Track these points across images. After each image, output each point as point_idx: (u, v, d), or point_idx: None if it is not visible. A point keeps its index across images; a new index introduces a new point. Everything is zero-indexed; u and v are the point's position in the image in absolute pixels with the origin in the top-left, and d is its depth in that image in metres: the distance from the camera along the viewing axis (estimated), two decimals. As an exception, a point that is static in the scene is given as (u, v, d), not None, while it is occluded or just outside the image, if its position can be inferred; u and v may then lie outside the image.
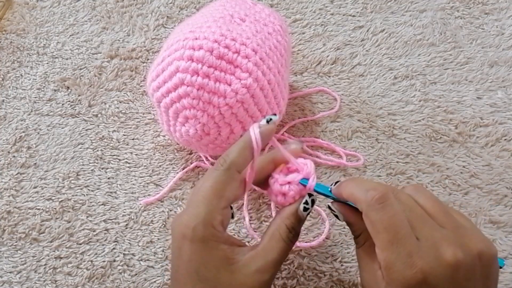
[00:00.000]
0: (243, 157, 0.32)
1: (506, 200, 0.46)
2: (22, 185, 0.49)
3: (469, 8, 0.59)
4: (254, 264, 0.31)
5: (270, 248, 0.32)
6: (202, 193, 0.31)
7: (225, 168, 0.32)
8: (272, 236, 0.32)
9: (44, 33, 0.59)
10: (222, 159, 0.32)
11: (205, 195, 0.31)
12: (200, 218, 0.30)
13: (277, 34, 0.44)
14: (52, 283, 0.44)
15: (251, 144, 0.32)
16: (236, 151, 0.32)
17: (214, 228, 0.30)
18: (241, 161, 0.32)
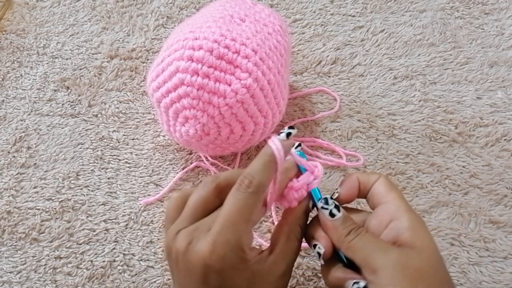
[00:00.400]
0: (268, 176, 0.30)
1: (506, 200, 0.46)
2: (22, 185, 0.49)
3: (469, 8, 0.59)
4: (277, 270, 0.31)
5: (288, 250, 0.32)
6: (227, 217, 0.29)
7: (252, 191, 0.30)
8: (289, 238, 0.32)
9: (44, 33, 0.59)
10: (247, 180, 0.30)
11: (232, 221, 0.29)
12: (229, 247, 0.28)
13: (277, 34, 0.44)
14: (52, 283, 0.44)
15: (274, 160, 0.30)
16: (260, 170, 0.30)
17: (244, 253, 0.29)
18: (267, 182, 0.31)
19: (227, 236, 0.29)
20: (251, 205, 0.30)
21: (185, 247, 0.29)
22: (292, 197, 0.32)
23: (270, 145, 0.30)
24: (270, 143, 0.30)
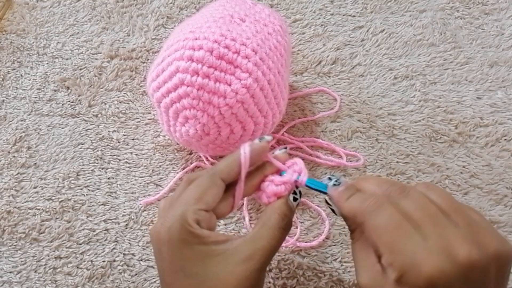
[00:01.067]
0: (229, 168, 0.33)
1: (506, 200, 0.46)
2: (22, 185, 0.49)
3: (469, 8, 0.59)
4: (242, 252, 0.30)
5: (259, 235, 0.31)
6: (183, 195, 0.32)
7: (210, 174, 0.33)
8: (263, 225, 0.32)
9: (44, 33, 0.59)
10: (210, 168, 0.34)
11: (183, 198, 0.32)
12: (174, 218, 0.30)
13: (277, 34, 0.44)
14: (52, 283, 0.44)
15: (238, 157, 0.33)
16: (223, 162, 0.34)
17: (190, 226, 0.30)
18: (226, 170, 0.33)
19: (175, 210, 0.31)
20: (204, 184, 0.32)
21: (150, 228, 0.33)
22: (271, 191, 0.33)
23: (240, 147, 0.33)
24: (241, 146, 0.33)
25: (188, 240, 0.30)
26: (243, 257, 0.30)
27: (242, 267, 0.30)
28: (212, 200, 0.32)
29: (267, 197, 0.34)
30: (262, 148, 0.34)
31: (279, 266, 0.44)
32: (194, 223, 0.30)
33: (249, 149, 0.33)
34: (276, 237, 0.32)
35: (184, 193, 0.32)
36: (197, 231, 0.30)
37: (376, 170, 0.48)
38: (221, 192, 0.33)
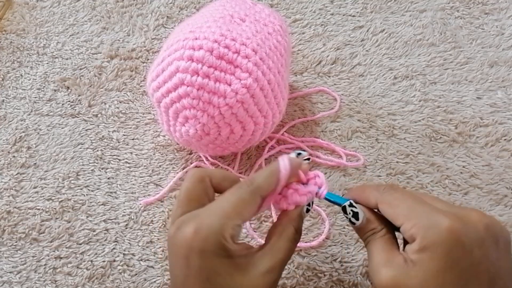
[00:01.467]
0: (269, 184, 0.33)
1: (506, 200, 0.46)
2: (22, 185, 0.49)
3: (469, 8, 0.59)
4: (263, 265, 0.31)
5: (278, 248, 0.32)
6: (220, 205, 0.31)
7: (251, 189, 0.32)
8: (280, 237, 0.33)
9: (44, 33, 0.59)
10: (249, 181, 0.32)
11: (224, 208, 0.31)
12: (212, 230, 0.30)
13: (277, 34, 0.44)
14: (52, 283, 0.44)
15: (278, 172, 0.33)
16: (264, 176, 0.33)
17: (226, 241, 0.30)
18: (266, 187, 0.33)
19: (212, 220, 0.30)
20: (245, 200, 0.31)
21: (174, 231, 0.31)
22: (294, 199, 0.34)
23: (279, 160, 0.33)
24: (280, 158, 0.33)
25: (220, 254, 0.30)
26: (264, 270, 0.31)
27: (264, 279, 0.31)
28: (248, 216, 0.32)
29: (288, 204, 0.34)
30: (298, 165, 0.34)
31: (279, 266, 0.44)
32: (230, 239, 0.30)
33: (289, 165, 0.33)
34: (291, 249, 0.33)
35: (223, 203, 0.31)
36: (230, 246, 0.30)
37: (376, 170, 0.48)
38: (257, 208, 0.33)
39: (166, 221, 0.46)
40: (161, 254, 0.45)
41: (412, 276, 0.28)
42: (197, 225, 0.30)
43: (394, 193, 0.32)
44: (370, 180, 0.48)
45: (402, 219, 0.30)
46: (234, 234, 0.31)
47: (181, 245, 0.30)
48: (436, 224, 0.28)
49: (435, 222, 0.28)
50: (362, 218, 0.33)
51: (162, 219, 0.46)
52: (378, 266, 0.30)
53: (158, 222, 0.46)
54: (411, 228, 0.29)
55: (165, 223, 0.46)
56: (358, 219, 0.33)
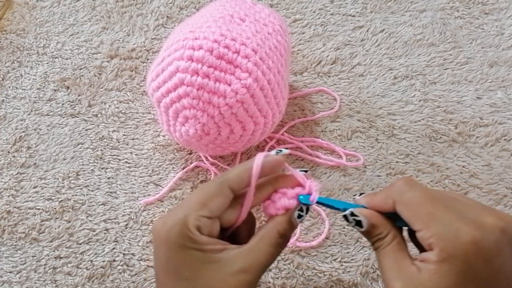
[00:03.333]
0: (239, 177, 0.32)
1: (506, 200, 0.46)
2: (22, 185, 0.49)
3: (469, 8, 0.59)
4: (238, 263, 0.30)
5: (257, 249, 0.31)
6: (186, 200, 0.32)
7: (219, 181, 0.32)
8: (261, 238, 0.32)
9: (44, 33, 0.59)
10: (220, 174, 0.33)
11: (188, 202, 0.32)
12: (176, 221, 0.30)
13: (277, 34, 0.44)
14: (52, 283, 0.44)
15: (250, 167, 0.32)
16: (234, 170, 0.33)
17: (190, 231, 0.30)
18: (235, 179, 0.32)
19: (178, 212, 0.31)
20: (211, 191, 0.31)
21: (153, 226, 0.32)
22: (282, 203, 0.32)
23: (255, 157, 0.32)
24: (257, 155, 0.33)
25: (185, 244, 0.30)
26: (237, 268, 0.30)
27: (235, 278, 0.30)
28: (216, 208, 0.31)
29: (276, 209, 0.33)
30: (277, 161, 0.33)
31: (279, 266, 0.44)
32: (194, 229, 0.30)
33: (262, 159, 0.32)
34: (272, 253, 0.31)
35: (189, 196, 0.32)
36: (196, 237, 0.30)
37: (376, 170, 0.48)
38: (227, 201, 0.32)
39: (166, 221, 0.46)
40: (161, 254, 0.45)
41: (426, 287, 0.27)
42: (165, 217, 0.31)
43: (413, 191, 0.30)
44: (370, 180, 0.48)
45: (420, 225, 0.28)
46: (200, 225, 0.30)
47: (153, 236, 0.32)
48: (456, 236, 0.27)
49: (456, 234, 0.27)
50: (366, 225, 0.31)
51: (162, 219, 0.46)
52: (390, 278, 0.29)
53: (158, 222, 0.46)
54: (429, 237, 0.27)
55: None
56: (362, 227, 0.32)
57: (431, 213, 0.28)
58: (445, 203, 0.29)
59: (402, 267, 0.29)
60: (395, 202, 0.30)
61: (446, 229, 0.27)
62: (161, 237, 0.31)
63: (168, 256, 0.30)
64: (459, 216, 0.28)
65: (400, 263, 0.29)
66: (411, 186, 0.30)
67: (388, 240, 0.30)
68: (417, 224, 0.28)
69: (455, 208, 0.29)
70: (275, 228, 0.32)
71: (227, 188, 0.32)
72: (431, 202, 0.29)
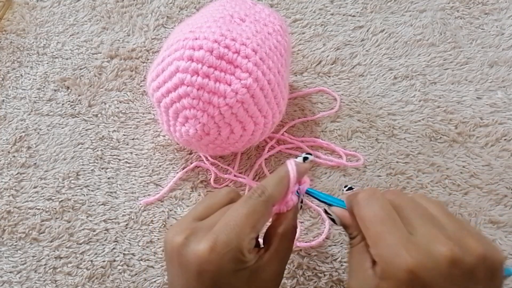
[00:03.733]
0: (280, 192, 0.32)
1: (506, 200, 0.46)
2: (22, 185, 0.49)
3: (469, 8, 0.59)
4: (272, 268, 0.31)
5: (282, 249, 0.32)
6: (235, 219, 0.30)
7: (264, 199, 0.31)
8: (283, 237, 0.33)
9: (44, 33, 0.59)
10: (260, 190, 0.31)
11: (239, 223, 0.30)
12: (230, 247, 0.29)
13: (277, 34, 0.44)
14: (52, 283, 0.44)
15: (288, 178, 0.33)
16: (274, 184, 0.32)
17: (244, 256, 0.29)
18: (277, 196, 0.32)
19: (230, 237, 0.29)
20: (259, 212, 0.31)
21: (181, 241, 0.30)
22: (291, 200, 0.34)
23: (287, 165, 0.33)
24: (288, 163, 0.33)
25: (237, 268, 0.29)
26: (273, 273, 0.31)
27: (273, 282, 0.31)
28: (262, 227, 0.32)
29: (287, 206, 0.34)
30: (305, 170, 0.35)
31: (279, 266, 0.44)
32: (247, 253, 0.30)
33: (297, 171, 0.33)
34: (292, 248, 0.33)
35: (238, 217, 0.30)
36: (247, 259, 0.30)
37: (376, 170, 0.48)
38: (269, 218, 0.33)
39: (166, 221, 0.46)
40: (161, 254, 0.45)
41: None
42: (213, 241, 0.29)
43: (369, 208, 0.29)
44: (370, 180, 0.48)
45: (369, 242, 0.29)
46: (250, 247, 0.30)
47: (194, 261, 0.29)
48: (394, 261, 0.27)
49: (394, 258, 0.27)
50: (338, 222, 0.34)
51: (162, 219, 0.46)
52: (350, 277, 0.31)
53: (158, 222, 0.46)
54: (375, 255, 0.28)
55: (165, 223, 0.46)
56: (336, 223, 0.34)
57: (379, 233, 0.28)
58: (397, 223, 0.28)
59: (361, 269, 0.29)
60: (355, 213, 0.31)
61: (388, 252, 0.27)
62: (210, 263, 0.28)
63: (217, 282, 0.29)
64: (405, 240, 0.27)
65: (361, 264, 0.29)
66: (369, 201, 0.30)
67: (356, 241, 0.31)
68: (368, 240, 0.29)
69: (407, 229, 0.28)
70: (291, 224, 0.33)
71: (271, 206, 0.32)
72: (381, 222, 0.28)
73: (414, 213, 0.29)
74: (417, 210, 0.29)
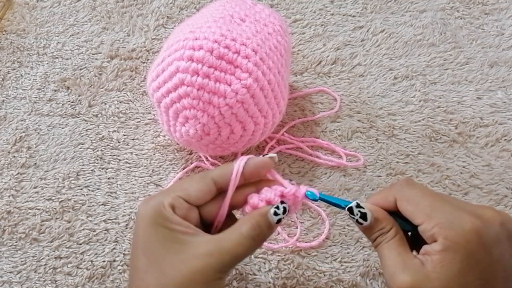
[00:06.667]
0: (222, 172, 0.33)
1: (506, 200, 0.46)
2: (22, 185, 0.49)
3: (469, 9, 0.59)
4: (203, 248, 0.30)
5: (226, 237, 0.31)
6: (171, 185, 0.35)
7: (201, 173, 0.34)
8: (233, 229, 0.31)
9: (44, 33, 0.59)
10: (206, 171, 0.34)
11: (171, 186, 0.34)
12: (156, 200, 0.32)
13: (277, 34, 0.44)
14: (52, 283, 0.44)
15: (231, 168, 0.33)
16: (219, 167, 0.34)
17: (164, 208, 0.31)
18: (218, 173, 0.33)
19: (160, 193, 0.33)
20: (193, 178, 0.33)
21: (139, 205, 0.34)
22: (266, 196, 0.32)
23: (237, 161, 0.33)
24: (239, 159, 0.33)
25: (157, 222, 0.31)
26: (203, 252, 0.30)
27: (198, 260, 0.30)
28: (194, 193, 0.32)
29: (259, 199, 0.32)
30: (262, 163, 0.33)
31: (279, 266, 0.44)
32: (168, 207, 0.31)
33: (244, 161, 0.33)
34: (243, 245, 0.31)
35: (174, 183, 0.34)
36: (167, 214, 0.31)
37: (376, 170, 0.48)
38: (207, 190, 0.33)
39: (166, 221, 0.46)
40: (161, 254, 0.45)
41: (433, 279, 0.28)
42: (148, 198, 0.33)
43: (413, 189, 0.31)
44: (370, 180, 0.48)
45: (422, 218, 0.29)
46: (175, 204, 0.31)
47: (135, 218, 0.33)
48: (459, 224, 0.28)
49: (458, 222, 0.28)
50: (370, 218, 0.32)
51: (162, 219, 0.46)
52: (395, 271, 0.29)
53: (158, 222, 0.46)
54: (432, 228, 0.28)
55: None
56: (366, 220, 0.32)
57: (432, 204, 0.29)
58: (444, 197, 0.31)
59: (406, 260, 0.29)
60: (396, 200, 0.31)
61: (448, 218, 0.28)
62: (139, 215, 0.32)
63: (141, 233, 0.32)
64: (459, 208, 0.29)
65: (404, 256, 0.30)
66: (411, 184, 0.32)
67: (391, 234, 0.31)
68: (419, 217, 0.30)
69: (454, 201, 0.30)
70: (249, 221, 0.32)
71: (210, 179, 0.33)
72: (431, 195, 0.30)
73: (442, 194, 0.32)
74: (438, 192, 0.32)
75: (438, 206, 0.29)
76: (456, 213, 0.29)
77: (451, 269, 0.27)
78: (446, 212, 0.29)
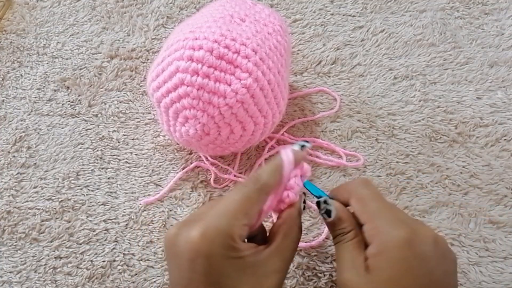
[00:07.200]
0: (274, 180, 0.32)
1: (506, 200, 0.46)
2: (22, 185, 0.49)
3: (469, 8, 0.59)
4: (271, 265, 0.31)
5: (285, 247, 0.32)
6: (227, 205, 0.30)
7: (258, 188, 0.31)
8: (286, 236, 0.32)
9: (44, 33, 0.59)
10: (254, 178, 0.32)
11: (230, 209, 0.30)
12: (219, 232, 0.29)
13: (277, 34, 0.44)
14: (52, 283, 0.44)
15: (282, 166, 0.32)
16: (268, 172, 0.32)
17: (235, 242, 0.29)
18: (272, 184, 0.32)
19: (220, 222, 0.29)
20: (252, 199, 0.31)
21: (174, 232, 0.30)
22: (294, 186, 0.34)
23: (281, 153, 0.33)
24: (282, 151, 0.33)
25: (229, 255, 0.29)
26: (272, 270, 0.31)
27: (272, 279, 0.31)
28: (255, 216, 0.31)
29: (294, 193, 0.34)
30: (302, 157, 0.34)
31: (279, 266, 0.44)
32: (238, 240, 0.29)
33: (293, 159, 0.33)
34: (295, 249, 0.33)
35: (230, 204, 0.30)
36: (239, 246, 0.30)
37: (376, 170, 0.48)
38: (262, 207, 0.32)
39: (166, 221, 0.46)
40: (161, 254, 0.45)
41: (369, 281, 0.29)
42: (203, 227, 0.29)
43: (367, 190, 0.33)
44: (370, 180, 0.48)
45: (366, 219, 0.31)
46: (242, 234, 0.30)
47: (185, 248, 0.29)
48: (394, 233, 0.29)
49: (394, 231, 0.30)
50: (334, 216, 0.34)
51: (162, 219, 0.46)
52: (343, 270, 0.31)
53: (158, 222, 0.46)
54: (371, 230, 0.31)
55: (165, 223, 0.46)
56: (330, 216, 0.34)
57: (377, 209, 0.31)
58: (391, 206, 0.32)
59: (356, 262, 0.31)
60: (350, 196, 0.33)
61: (387, 224, 0.30)
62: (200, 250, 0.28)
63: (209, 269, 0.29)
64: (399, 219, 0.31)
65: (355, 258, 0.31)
66: (366, 185, 0.34)
67: (350, 236, 0.33)
68: (364, 217, 0.32)
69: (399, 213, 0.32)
70: (295, 224, 0.33)
71: (265, 194, 0.32)
72: (381, 201, 0.33)
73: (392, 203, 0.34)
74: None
75: (383, 212, 0.31)
76: (396, 222, 0.30)
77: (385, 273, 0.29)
78: (387, 219, 0.31)
